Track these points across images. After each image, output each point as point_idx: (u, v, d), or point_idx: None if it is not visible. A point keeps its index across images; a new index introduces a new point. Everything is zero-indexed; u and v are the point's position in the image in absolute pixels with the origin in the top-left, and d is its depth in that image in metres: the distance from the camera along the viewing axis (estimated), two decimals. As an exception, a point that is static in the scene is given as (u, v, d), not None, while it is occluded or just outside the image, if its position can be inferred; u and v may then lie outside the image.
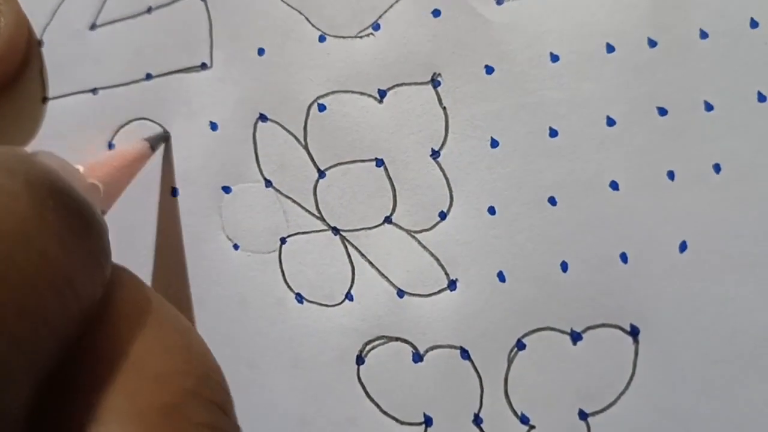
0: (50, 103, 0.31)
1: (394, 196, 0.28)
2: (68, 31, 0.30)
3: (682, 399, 0.26)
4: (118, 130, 0.30)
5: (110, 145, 0.30)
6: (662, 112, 0.26)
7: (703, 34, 0.26)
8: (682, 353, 0.26)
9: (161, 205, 0.30)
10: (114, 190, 0.26)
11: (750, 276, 0.25)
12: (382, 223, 0.28)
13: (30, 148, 0.30)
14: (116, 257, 0.18)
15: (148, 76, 0.30)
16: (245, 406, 0.28)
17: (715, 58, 0.26)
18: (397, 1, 0.27)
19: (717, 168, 0.26)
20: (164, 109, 0.30)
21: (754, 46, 0.26)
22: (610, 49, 0.26)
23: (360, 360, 0.28)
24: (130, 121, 0.30)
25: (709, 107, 0.26)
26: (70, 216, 0.17)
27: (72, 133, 0.30)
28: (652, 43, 0.26)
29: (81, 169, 0.23)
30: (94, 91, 0.30)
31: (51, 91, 0.31)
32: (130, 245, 0.30)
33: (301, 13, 0.28)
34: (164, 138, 0.29)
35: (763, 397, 0.25)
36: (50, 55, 0.31)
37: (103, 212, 0.24)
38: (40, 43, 0.31)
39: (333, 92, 0.28)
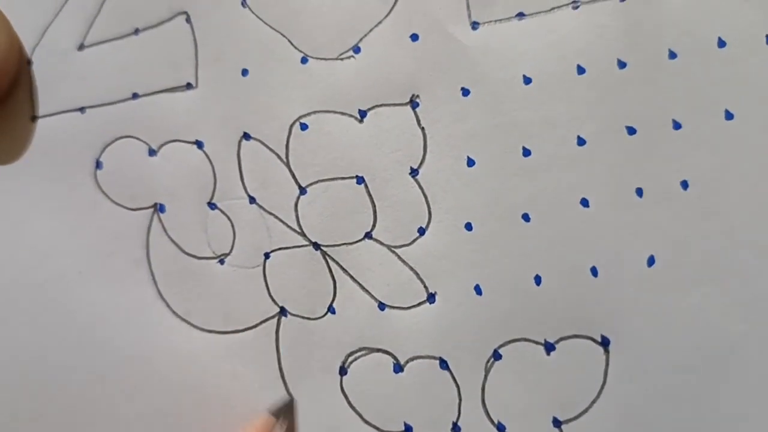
0: (39, 122, 0.31)
1: (374, 212, 0.28)
2: (57, 51, 0.31)
3: (652, 407, 0.26)
4: (105, 148, 0.30)
5: (98, 163, 0.30)
6: (631, 131, 0.27)
7: (672, 55, 0.27)
8: (651, 363, 0.26)
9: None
10: None
11: (716, 289, 0.26)
12: (363, 239, 0.29)
13: (18, 165, 0.31)
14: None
15: (135, 96, 0.30)
16: (231, 415, 0.29)
17: (683, 77, 0.27)
18: (377, 25, 0.28)
19: (684, 184, 0.27)
20: (150, 127, 0.30)
21: (721, 65, 0.26)
22: (581, 70, 0.27)
23: (343, 371, 0.29)
24: (117, 140, 0.30)
25: (677, 125, 0.27)
26: None
27: (60, 151, 0.31)
28: (622, 65, 0.27)
29: None
30: (81, 110, 0.31)
31: (40, 110, 0.31)
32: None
33: (283, 35, 0.29)
34: (289, 407, 0.29)
35: (728, 405, 0.26)
36: (39, 75, 0.31)
37: None
38: (29, 63, 0.31)
39: (314, 112, 0.29)
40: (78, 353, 0.30)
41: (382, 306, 0.28)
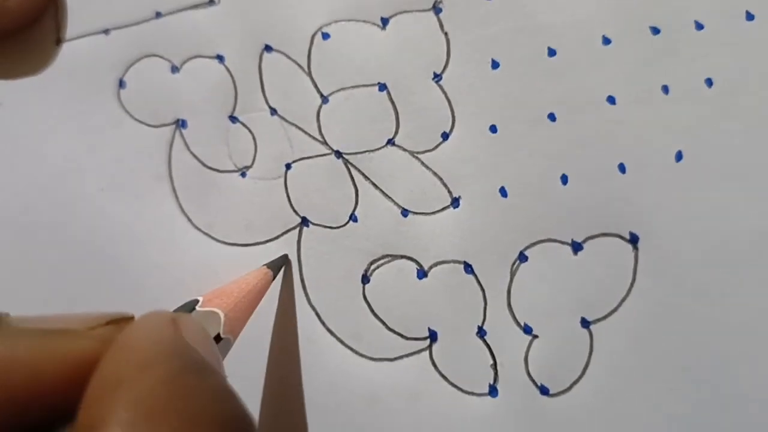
0: (64, 45, 0.31)
1: (397, 119, 0.28)
2: (80, -25, 0.31)
3: (681, 304, 0.26)
4: (128, 68, 0.30)
5: (121, 83, 0.30)
6: (655, 31, 0.27)
7: (693, -43, 0.27)
8: (680, 259, 0.26)
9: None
10: (239, 317, 0.25)
11: (741, 183, 0.26)
12: (385, 146, 0.28)
13: (43, 87, 0.31)
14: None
15: (158, 15, 0.30)
16: (253, 328, 0.28)
17: (705, -21, 0.27)
18: (399, -69, 0.28)
19: (709, 82, 0.26)
20: (173, 45, 0.30)
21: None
22: (605, -28, 0.27)
23: (365, 279, 0.28)
24: (141, 59, 0.30)
25: (699, 26, 0.26)
26: None
27: (84, 73, 0.30)
28: (645, -34, 0.27)
29: (201, 299, 0.24)
30: (106, 31, 0.31)
31: (65, 33, 0.31)
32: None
33: (306, -53, 0.29)
34: (284, 262, 0.28)
35: (757, 300, 0.25)
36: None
37: (233, 337, 0.24)
38: (53, -12, 0.31)
39: (336, 21, 0.29)
40: (100, 269, 0.29)
41: (405, 212, 0.28)
